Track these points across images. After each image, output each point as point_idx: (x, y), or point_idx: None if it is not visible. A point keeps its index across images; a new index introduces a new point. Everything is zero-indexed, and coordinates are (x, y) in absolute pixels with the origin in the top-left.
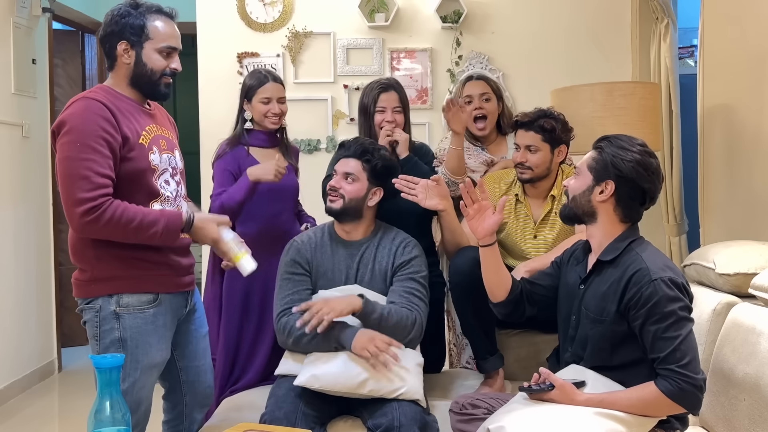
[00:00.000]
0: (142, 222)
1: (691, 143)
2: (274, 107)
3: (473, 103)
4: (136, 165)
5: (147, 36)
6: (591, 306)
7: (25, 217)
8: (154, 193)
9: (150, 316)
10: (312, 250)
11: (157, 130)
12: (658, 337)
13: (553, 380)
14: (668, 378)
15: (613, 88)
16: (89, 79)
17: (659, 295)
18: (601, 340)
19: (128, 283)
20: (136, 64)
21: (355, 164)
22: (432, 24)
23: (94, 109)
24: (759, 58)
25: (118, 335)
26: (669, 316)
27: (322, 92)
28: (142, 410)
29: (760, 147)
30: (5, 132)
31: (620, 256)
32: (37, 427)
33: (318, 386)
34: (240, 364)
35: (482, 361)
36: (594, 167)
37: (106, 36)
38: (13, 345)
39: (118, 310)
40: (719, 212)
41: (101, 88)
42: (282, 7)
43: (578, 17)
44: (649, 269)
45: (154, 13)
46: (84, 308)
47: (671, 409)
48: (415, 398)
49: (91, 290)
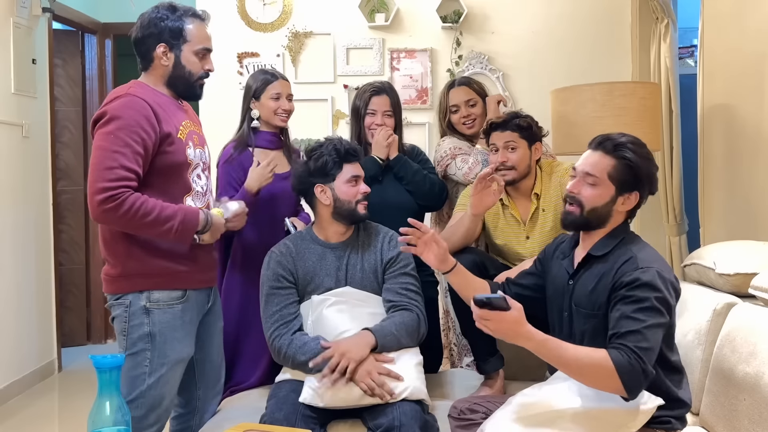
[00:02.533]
0: (159, 215)
1: (691, 143)
2: (284, 103)
3: (460, 111)
4: (175, 159)
5: (185, 39)
6: (582, 301)
7: (25, 217)
8: (188, 187)
9: (179, 312)
10: (293, 259)
11: (191, 125)
12: (625, 315)
13: (511, 303)
14: (620, 349)
15: (613, 88)
16: (89, 79)
17: (641, 281)
18: (596, 335)
19: (159, 280)
20: (175, 66)
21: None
22: (432, 24)
23: (135, 106)
24: (759, 58)
25: (147, 330)
26: (642, 301)
27: (322, 92)
28: (164, 406)
29: (760, 147)
30: (5, 132)
31: (612, 251)
32: (37, 427)
33: (322, 405)
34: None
35: (482, 362)
36: (617, 177)
37: (143, 38)
38: (13, 345)
39: (148, 306)
40: (719, 212)
41: (140, 86)
42: (282, 7)
43: (578, 17)
44: (638, 259)
45: (190, 17)
46: (113, 304)
47: (610, 380)
48: (420, 398)
49: (121, 286)
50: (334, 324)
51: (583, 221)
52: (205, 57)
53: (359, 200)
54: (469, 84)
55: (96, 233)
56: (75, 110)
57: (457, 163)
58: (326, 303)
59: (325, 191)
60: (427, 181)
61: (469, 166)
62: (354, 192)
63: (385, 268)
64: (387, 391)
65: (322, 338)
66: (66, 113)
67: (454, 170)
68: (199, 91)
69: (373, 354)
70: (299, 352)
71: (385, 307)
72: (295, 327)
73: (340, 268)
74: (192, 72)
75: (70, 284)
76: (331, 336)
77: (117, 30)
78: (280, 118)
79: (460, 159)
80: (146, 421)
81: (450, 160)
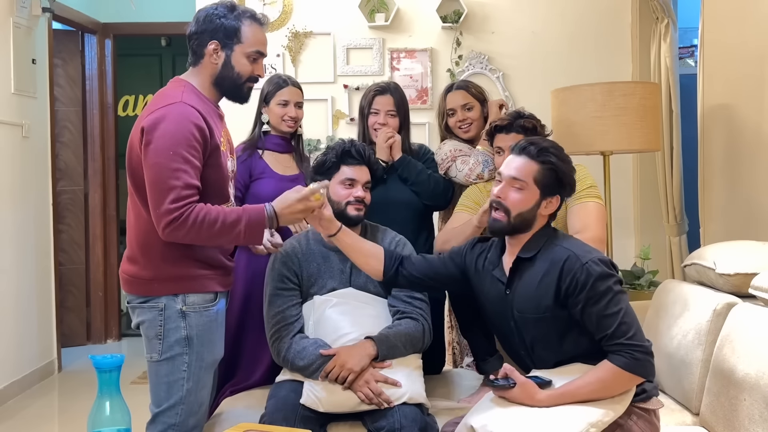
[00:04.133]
0: (224, 223)
1: (691, 143)
2: (291, 111)
3: (456, 115)
4: (219, 172)
5: (239, 39)
6: (525, 307)
7: (25, 217)
8: (226, 197)
9: (213, 314)
10: (299, 260)
11: (227, 134)
12: (601, 316)
13: (515, 377)
14: (620, 352)
15: (613, 88)
16: (89, 79)
17: (593, 276)
18: (547, 335)
19: (195, 283)
20: (224, 66)
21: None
22: (432, 24)
23: (190, 117)
24: (759, 58)
25: (184, 334)
26: (606, 293)
27: (322, 92)
28: (202, 411)
29: (760, 147)
30: (5, 132)
31: (540, 251)
32: (37, 427)
33: (322, 409)
34: (243, 368)
35: (482, 362)
36: (541, 181)
37: (197, 33)
38: (13, 345)
39: (184, 309)
40: (719, 212)
41: (190, 90)
42: (282, 7)
43: (578, 17)
44: (577, 255)
45: (248, 18)
46: (140, 307)
47: (631, 381)
48: (419, 402)
49: (154, 289)
50: (334, 326)
51: (509, 228)
52: (257, 61)
53: (350, 202)
54: (466, 88)
55: (96, 233)
56: (75, 110)
57: (458, 165)
58: (328, 304)
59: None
60: (432, 180)
61: (470, 168)
62: (345, 194)
63: None
64: (384, 400)
65: (322, 342)
66: (66, 113)
67: (454, 172)
68: (246, 94)
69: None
70: (297, 356)
71: (390, 311)
72: (295, 330)
73: (344, 270)
74: (240, 74)
75: (70, 284)
76: (330, 338)
77: (117, 30)
78: (287, 124)
79: (460, 161)
80: (185, 426)
81: (450, 162)
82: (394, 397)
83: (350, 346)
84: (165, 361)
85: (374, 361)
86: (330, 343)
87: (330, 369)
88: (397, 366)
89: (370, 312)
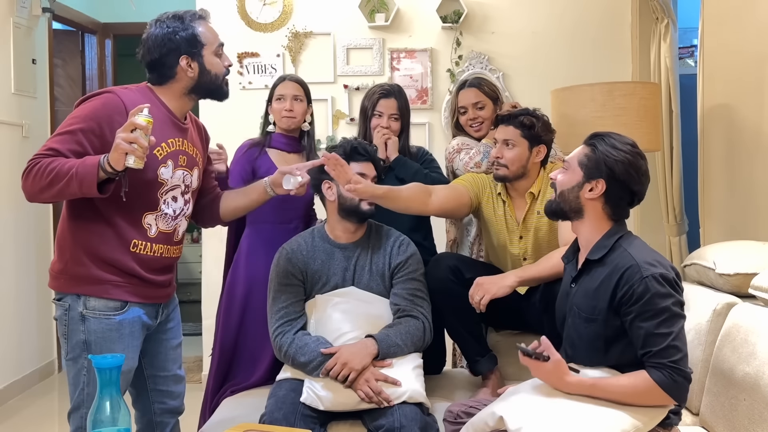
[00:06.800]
0: (59, 171)
1: (691, 143)
2: (286, 104)
3: (468, 113)
4: (141, 175)
5: (202, 43)
6: (582, 305)
7: (25, 217)
8: (153, 206)
9: (115, 323)
10: (304, 257)
11: (182, 145)
12: (650, 333)
13: (551, 353)
14: (661, 369)
15: (613, 88)
16: (89, 79)
17: (651, 292)
18: (595, 339)
19: (97, 288)
20: (201, 74)
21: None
22: (432, 24)
23: (108, 105)
24: (759, 58)
25: (83, 338)
26: (662, 312)
27: (322, 92)
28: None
29: (760, 147)
30: (5, 132)
31: (608, 254)
32: (37, 427)
33: (323, 408)
34: (243, 368)
35: (474, 363)
36: (585, 164)
37: (161, 57)
38: (13, 345)
39: (84, 313)
40: (719, 212)
41: (142, 93)
42: (282, 7)
43: (578, 17)
44: (639, 266)
45: (198, 20)
46: (54, 302)
47: (662, 399)
48: (419, 401)
49: (61, 285)
50: (335, 325)
51: (556, 207)
52: (222, 53)
53: (362, 198)
54: (479, 86)
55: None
56: None
57: (461, 155)
58: (330, 302)
59: (332, 188)
60: (428, 180)
61: (470, 156)
62: None
63: (393, 272)
64: (384, 399)
65: (324, 340)
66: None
67: (458, 164)
68: (226, 90)
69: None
70: (299, 353)
71: (392, 309)
72: (298, 326)
73: (348, 268)
74: (217, 74)
75: None
76: (331, 336)
77: (117, 30)
78: (286, 119)
79: (464, 152)
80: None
81: (455, 154)
82: (393, 396)
83: (351, 344)
84: (71, 362)
85: (375, 360)
86: (331, 342)
87: (331, 367)
88: (397, 365)
89: (372, 311)
